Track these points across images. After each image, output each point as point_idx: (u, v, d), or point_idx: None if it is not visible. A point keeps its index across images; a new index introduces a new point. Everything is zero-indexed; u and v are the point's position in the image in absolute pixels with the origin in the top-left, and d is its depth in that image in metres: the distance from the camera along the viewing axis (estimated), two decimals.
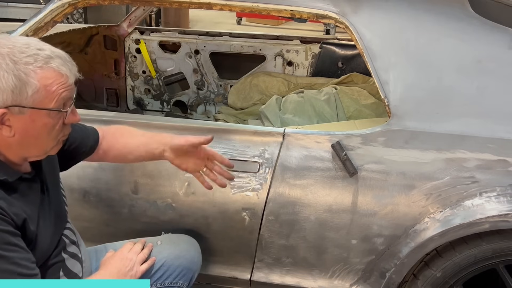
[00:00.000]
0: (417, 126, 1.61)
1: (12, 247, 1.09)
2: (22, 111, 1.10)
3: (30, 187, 1.22)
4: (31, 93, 1.10)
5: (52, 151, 1.23)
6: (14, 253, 1.09)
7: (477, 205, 1.55)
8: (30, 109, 1.11)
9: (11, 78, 1.08)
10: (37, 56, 1.11)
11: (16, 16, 5.85)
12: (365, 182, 1.60)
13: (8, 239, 1.09)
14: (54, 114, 1.15)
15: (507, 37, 1.65)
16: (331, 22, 1.69)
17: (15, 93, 1.09)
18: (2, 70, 1.08)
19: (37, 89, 1.10)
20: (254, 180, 1.65)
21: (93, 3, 1.79)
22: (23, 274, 1.10)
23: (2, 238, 1.07)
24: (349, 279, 1.73)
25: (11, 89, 1.08)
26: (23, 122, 1.12)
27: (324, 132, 1.66)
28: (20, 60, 1.09)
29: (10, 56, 1.09)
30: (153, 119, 1.89)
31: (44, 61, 1.11)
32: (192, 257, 1.62)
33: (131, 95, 3.29)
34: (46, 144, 1.19)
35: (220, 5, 1.72)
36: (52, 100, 1.13)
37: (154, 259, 1.51)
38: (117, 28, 3.12)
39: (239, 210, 1.68)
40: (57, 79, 1.13)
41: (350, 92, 2.60)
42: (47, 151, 1.21)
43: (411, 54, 1.65)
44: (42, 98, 1.11)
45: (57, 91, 1.13)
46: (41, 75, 1.10)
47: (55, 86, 1.12)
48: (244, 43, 3.07)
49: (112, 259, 1.44)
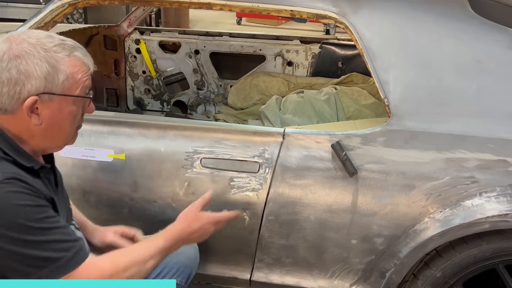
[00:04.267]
0: (417, 126, 1.61)
1: (54, 219, 1.14)
2: (51, 98, 1.15)
3: (49, 179, 1.26)
4: (62, 80, 1.15)
5: (71, 141, 1.27)
6: (54, 224, 1.13)
7: (477, 205, 1.55)
8: (58, 97, 1.15)
9: (44, 66, 1.12)
10: (64, 46, 1.17)
11: (16, 16, 5.85)
12: (365, 182, 1.60)
13: (47, 212, 1.13)
14: (78, 102, 1.20)
15: (507, 37, 1.65)
16: (331, 22, 1.69)
17: (48, 80, 1.13)
18: (35, 58, 1.12)
19: (67, 76, 1.15)
20: (254, 180, 1.65)
21: (93, 3, 1.80)
22: (68, 240, 1.15)
23: (40, 212, 1.11)
24: (349, 279, 1.73)
25: (45, 76, 1.13)
26: (51, 110, 1.16)
27: (324, 132, 1.66)
28: (50, 49, 1.14)
29: (40, 45, 1.14)
30: (153, 119, 1.89)
31: (70, 50, 1.17)
32: (189, 253, 1.63)
33: (131, 95, 3.29)
34: (68, 134, 1.24)
35: (220, 5, 1.72)
36: (78, 88, 1.18)
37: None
38: (117, 28, 3.12)
39: (239, 210, 1.68)
40: (82, 67, 1.19)
41: (350, 92, 2.59)
42: (67, 141, 1.26)
43: (411, 54, 1.65)
44: (70, 85, 1.16)
45: (82, 79, 1.18)
46: (69, 63, 1.16)
47: (80, 74, 1.18)
48: (244, 43, 3.07)
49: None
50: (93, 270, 1.17)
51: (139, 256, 1.25)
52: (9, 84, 1.12)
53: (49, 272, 1.11)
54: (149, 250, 1.27)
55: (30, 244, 1.08)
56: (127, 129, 1.72)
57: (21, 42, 1.13)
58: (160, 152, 1.69)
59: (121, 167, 1.70)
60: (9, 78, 1.11)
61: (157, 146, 1.70)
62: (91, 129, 1.71)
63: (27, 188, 1.10)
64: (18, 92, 1.12)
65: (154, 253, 1.27)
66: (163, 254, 1.30)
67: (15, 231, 1.07)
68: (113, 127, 1.73)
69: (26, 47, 1.13)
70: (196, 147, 1.68)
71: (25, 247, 1.08)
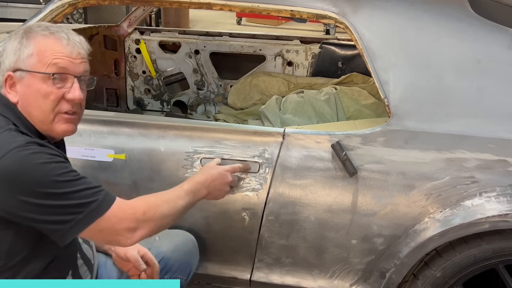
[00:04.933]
0: (417, 126, 1.61)
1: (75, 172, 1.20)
2: (22, 75, 1.22)
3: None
4: (26, 56, 1.21)
5: (55, 128, 1.27)
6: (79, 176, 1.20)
7: (477, 205, 1.55)
8: (27, 74, 1.21)
9: (15, 43, 1.22)
10: (48, 28, 1.25)
11: (16, 16, 5.85)
12: (365, 182, 1.60)
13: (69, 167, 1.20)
14: (49, 81, 1.22)
15: (507, 37, 1.65)
16: (331, 22, 1.69)
17: (16, 55, 1.21)
18: (14, 38, 1.23)
19: (32, 52, 1.21)
20: (254, 180, 1.65)
21: (93, 3, 1.80)
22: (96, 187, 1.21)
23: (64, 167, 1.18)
24: (349, 279, 1.73)
25: (14, 51, 1.22)
26: (23, 87, 1.23)
27: (324, 132, 1.66)
28: (31, 30, 1.24)
29: (25, 28, 1.25)
30: (153, 119, 1.89)
31: (50, 32, 1.24)
32: (189, 251, 1.64)
33: (131, 95, 3.29)
34: (42, 114, 1.24)
35: (220, 5, 1.72)
36: (44, 65, 1.22)
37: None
38: (117, 28, 3.12)
39: (239, 210, 1.68)
40: (54, 46, 1.23)
41: (350, 92, 2.59)
42: (46, 124, 1.26)
43: (411, 54, 1.65)
44: (36, 63, 1.21)
45: (50, 57, 1.22)
46: (40, 41, 1.22)
47: (49, 52, 1.22)
48: (244, 43, 3.07)
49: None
50: (126, 207, 1.24)
51: (168, 195, 1.35)
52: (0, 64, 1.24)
53: (84, 217, 1.17)
54: (175, 191, 1.38)
55: (61, 196, 1.15)
56: (127, 129, 1.72)
57: (18, 28, 1.26)
58: (160, 152, 1.69)
59: (120, 168, 1.70)
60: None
61: (157, 146, 1.69)
62: (91, 129, 1.71)
63: (46, 149, 1.18)
64: (2, 69, 1.24)
65: (181, 194, 1.37)
66: (189, 196, 1.39)
67: (45, 186, 1.13)
68: (113, 127, 1.73)
69: (16, 30, 1.25)
70: (196, 147, 1.68)
71: (57, 199, 1.15)
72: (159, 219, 1.28)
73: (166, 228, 1.34)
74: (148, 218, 1.25)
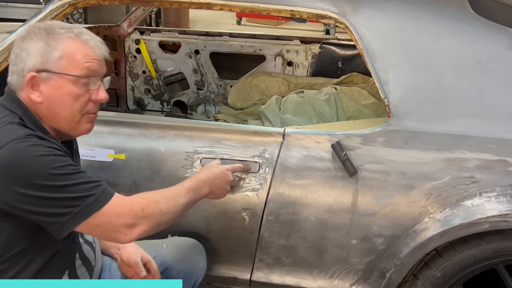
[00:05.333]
0: (417, 126, 1.61)
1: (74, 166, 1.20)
2: (49, 76, 1.21)
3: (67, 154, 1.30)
4: (56, 58, 1.21)
5: (80, 127, 1.29)
6: (78, 169, 1.21)
7: (477, 205, 1.55)
8: (56, 75, 1.21)
9: (42, 44, 1.21)
10: (71, 30, 1.25)
11: (16, 16, 5.85)
12: (365, 182, 1.60)
13: (68, 161, 1.20)
14: (80, 84, 1.24)
15: (507, 37, 1.65)
16: (331, 22, 1.69)
17: (44, 57, 1.20)
18: (36, 38, 1.22)
19: (62, 55, 1.21)
20: (254, 180, 1.65)
21: (93, 3, 1.80)
22: (94, 181, 1.21)
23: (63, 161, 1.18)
24: (349, 279, 1.73)
25: (40, 53, 1.21)
26: (50, 88, 1.22)
27: (324, 132, 1.66)
28: (54, 31, 1.23)
29: (46, 29, 1.24)
30: (153, 119, 1.89)
31: (75, 34, 1.24)
32: (196, 262, 1.63)
33: (131, 95, 3.29)
34: (70, 115, 1.26)
35: (220, 5, 1.72)
36: (76, 68, 1.23)
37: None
38: (117, 28, 3.12)
39: (239, 210, 1.68)
40: (83, 49, 1.24)
41: (350, 92, 2.59)
42: (72, 124, 1.28)
43: (411, 54, 1.65)
44: (66, 65, 1.22)
45: (81, 60, 1.23)
46: (68, 44, 1.22)
47: (80, 55, 1.23)
48: (244, 43, 3.07)
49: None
50: (125, 203, 1.24)
51: (168, 192, 1.35)
52: (16, 63, 1.23)
53: (81, 210, 1.17)
54: (175, 189, 1.37)
55: (58, 189, 1.15)
56: (127, 129, 1.72)
57: (33, 27, 1.25)
58: (160, 152, 1.69)
59: (120, 168, 1.70)
60: (15, 56, 1.23)
61: (157, 146, 1.69)
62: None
63: (46, 142, 1.18)
64: (21, 69, 1.22)
65: (181, 191, 1.36)
66: (190, 194, 1.38)
67: (43, 179, 1.13)
68: (113, 127, 1.73)
69: (33, 29, 1.24)
70: (196, 147, 1.68)
71: (54, 192, 1.15)
72: (158, 216, 1.27)
73: (165, 226, 1.32)
74: (146, 214, 1.24)
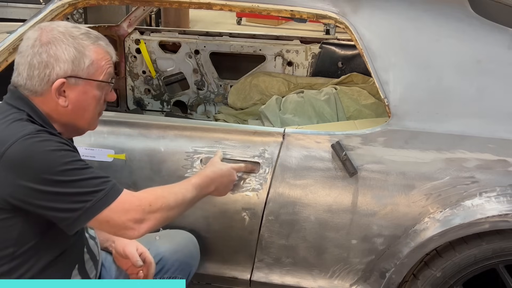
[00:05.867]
0: (417, 126, 1.61)
1: (84, 162, 1.23)
2: (77, 82, 1.25)
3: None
4: (87, 65, 1.25)
5: (92, 126, 1.37)
6: (88, 165, 1.23)
7: (477, 205, 1.55)
8: (84, 81, 1.25)
9: (72, 50, 1.24)
10: (89, 35, 1.28)
11: (16, 16, 5.84)
12: (365, 182, 1.60)
13: (78, 156, 1.24)
14: (102, 87, 1.30)
15: (507, 37, 1.65)
16: (331, 22, 1.69)
17: (75, 63, 1.24)
18: (64, 43, 1.23)
19: (92, 61, 1.26)
20: (254, 180, 1.65)
21: (93, 3, 1.80)
22: (103, 177, 1.23)
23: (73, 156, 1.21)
24: (349, 279, 1.73)
25: (72, 60, 1.23)
26: (77, 93, 1.26)
27: (324, 132, 1.66)
28: (77, 36, 1.26)
29: (68, 33, 1.25)
30: (153, 119, 1.89)
31: (94, 39, 1.28)
32: (190, 251, 1.64)
33: (131, 95, 3.29)
34: (92, 116, 1.33)
35: (220, 5, 1.72)
36: (101, 74, 1.28)
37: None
38: (117, 28, 3.12)
39: (239, 210, 1.68)
40: (105, 55, 1.29)
41: (350, 92, 2.59)
42: (91, 124, 1.35)
43: (411, 54, 1.65)
44: (94, 71, 1.27)
45: (105, 66, 1.29)
46: (93, 50, 1.27)
47: (103, 61, 1.28)
48: (244, 43, 3.07)
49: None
50: (134, 198, 1.25)
51: (174, 187, 1.37)
52: (39, 67, 1.22)
53: (92, 206, 1.18)
54: (182, 184, 1.40)
55: (69, 184, 1.17)
56: (127, 129, 1.72)
57: (51, 30, 1.25)
58: (160, 152, 1.69)
59: (120, 168, 1.70)
60: (40, 61, 1.22)
61: (157, 146, 1.69)
62: None
63: (56, 137, 1.21)
64: (47, 75, 1.23)
65: (188, 186, 1.39)
66: (197, 190, 1.41)
67: (54, 174, 1.15)
68: (113, 127, 1.73)
69: (56, 34, 1.24)
70: (196, 147, 1.68)
71: (65, 187, 1.17)
72: (165, 211, 1.29)
73: (172, 220, 1.35)
74: (154, 209, 1.26)
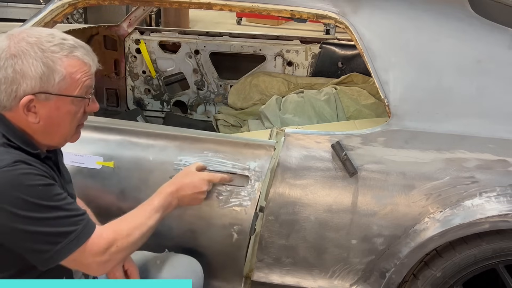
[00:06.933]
0: (417, 126, 1.60)
1: (60, 196, 1.17)
2: (48, 98, 1.16)
3: (52, 168, 1.28)
4: (57, 80, 1.16)
5: (72, 139, 1.30)
6: (63, 201, 1.17)
7: (477, 205, 1.55)
8: (55, 96, 1.17)
9: (39, 66, 1.14)
10: (63, 45, 1.17)
11: (16, 16, 5.84)
12: (365, 182, 1.60)
13: (55, 190, 1.17)
14: (77, 101, 1.21)
15: (507, 37, 1.65)
16: (331, 22, 1.69)
17: (43, 80, 1.14)
18: (31, 58, 1.14)
19: (63, 76, 1.16)
20: (243, 193, 1.64)
21: (93, 3, 1.79)
22: (77, 215, 1.19)
23: (50, 191, 1.15)
24: (349, 279, 1.73)
25: (40, 76, 1.14)
26: (48, 109, 1.18)
27: (324, 132, 1.66)
28: (48, 49, 1.15)
29: (38, 45, 1.15)
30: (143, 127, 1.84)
31: (69, 50, 1.18)
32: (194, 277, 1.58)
33: (131, 95, 3.29)
34: (67, 132, 1.25)
35: (220, 5, 1.72)
36: (76, 88, 1.19)
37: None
38: (117, 28, 3.12)
39: (227, 225, 1.66)
40: (81, 67, 1.19)
41: (350, 92, 2.60)
42: (67, 139, 1.28)
43: (411, 54, 1.65)
44: (67, 86, 1.18)
45: (81, 79, 1.19)
46: (67, 63, 1.17)
47: (79, 74, 1.19)
48: (244, 43, 3.07)
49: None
50: (102, 241, 1.22)
51: (138, 219, 1.32)
52: (5, 83, 1.14)
53: (63, 247, 1.15)
54: (145, 211, 1.35)
55: (43, 222, 1.12)
56: (117, 136, 1.69)
57: (20, 41, 1.15)
58: (149, 161, 1.66)
59: (109, 176, 1.67)
60: (5, 76, 1.14)
61: (146, 155, 1.67)
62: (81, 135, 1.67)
63: (34, 169, 1.14)
64: (14, 91, 1.14)
65: (151, 213, 1.35)
66: (160, 212, 1.37)
67: (29, 210, 1.10)
68: (103, 133, 1.70)
69: (24, 46, 1.14)
70: (184, 157, 1.64)
71: (39, 225, 1.12)
72: (130, 247, 1.28)
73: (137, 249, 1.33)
74: (120, 250, 1.24)
